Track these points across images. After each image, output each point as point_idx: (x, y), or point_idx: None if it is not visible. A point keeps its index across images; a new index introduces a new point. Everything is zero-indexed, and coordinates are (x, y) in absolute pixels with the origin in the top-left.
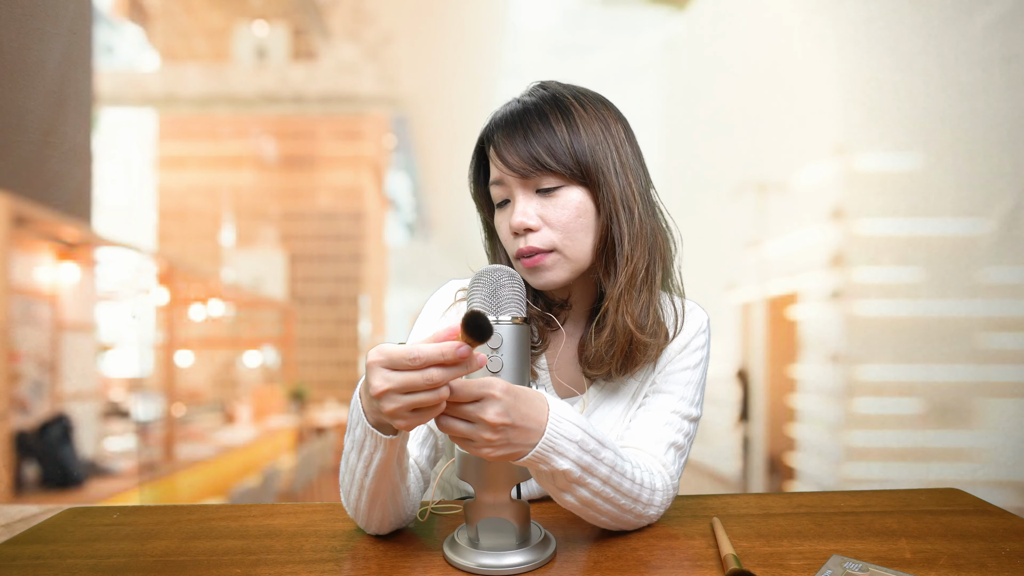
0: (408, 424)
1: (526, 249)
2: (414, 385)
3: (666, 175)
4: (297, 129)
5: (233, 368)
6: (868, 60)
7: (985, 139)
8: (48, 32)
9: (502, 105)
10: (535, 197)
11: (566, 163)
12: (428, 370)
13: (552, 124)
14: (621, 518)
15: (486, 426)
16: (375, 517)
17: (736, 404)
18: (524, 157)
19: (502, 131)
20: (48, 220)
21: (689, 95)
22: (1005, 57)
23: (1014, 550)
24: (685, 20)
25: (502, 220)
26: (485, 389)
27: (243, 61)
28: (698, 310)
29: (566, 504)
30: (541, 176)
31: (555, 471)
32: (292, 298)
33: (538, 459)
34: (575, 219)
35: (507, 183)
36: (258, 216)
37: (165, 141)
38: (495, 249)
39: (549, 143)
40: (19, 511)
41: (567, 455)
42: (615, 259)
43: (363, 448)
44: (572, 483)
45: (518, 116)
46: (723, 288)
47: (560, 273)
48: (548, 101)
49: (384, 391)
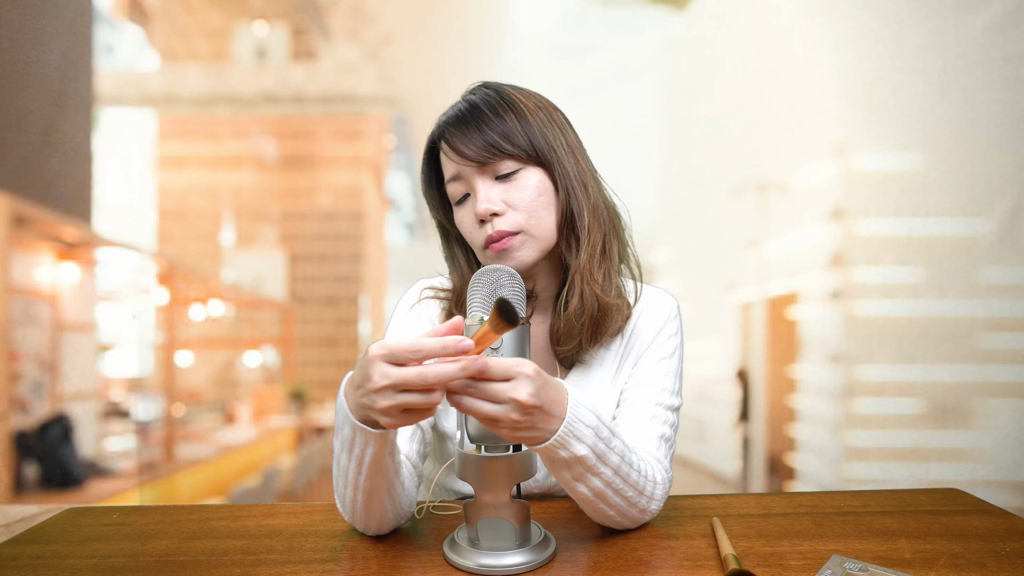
0: (394, 423)
1: (495, 234)
2: (408, 383)
3: (666, 175)
4: (297, 129)
5: (233, 368)
6: (868, 60)
7: (985, 139)
8: (48, 32)
9: (446, 110)
10: (495, 184)
11: (521, 145)
12: (422, 370)
13: (501, 113)
14: (628, 512)
15: (517, 407)
16: (373, 517)
17: (736, 404)
18: (480, 146)
19: (454, 127)
20: (48, 220)
21: (689, 95)
22: (1005, 57)
23: (1014, 550)
24: (685, 20)
25: (464, 214)
26: (518, 368)
27: (243, 61)
28: (666, 296)
29: (579, 496)
30: (499, 161)
31: (573, 457)
32: (292, 298)
33: (558, 444)
34: (537, 198)
35: (465, 176)
36: (258, 216)
37: (165, 141)
38: (452, 251)
39: (502, 129)
40: (19, 511)
41: (584, 440)
42: (576, 233)
43: (353, 446)
44: (587, 471)
45: (468, 111)
46: (723, 288)
47: (529, 253)
48: (493, 96)
49: (382, 387)
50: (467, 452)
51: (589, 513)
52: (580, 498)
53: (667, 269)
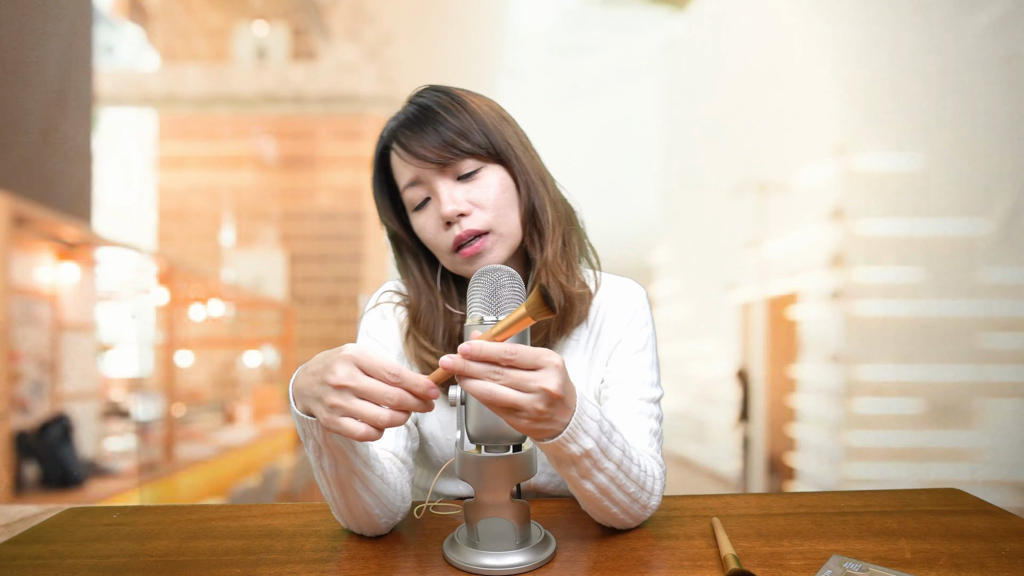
0: (327, 421)
1: (464, 234)
2: (371, 393)
3: (666, 175)
4: (297, 129)
5: (233, 368)
6: (868, 60)
7: (985, 139)
8: (48, 32)
9: (391, 119)
10: (458, 184)
11: (480, 143)
12: (394, 388)
13: (456, 113)
14: (630, 509)
15: (545, 396)
16: (358, 514)
17: (736, 404)
18: (439, 146)
19: (408, 130)
20: (48, 220)
21: (689, 95)
22: (1005, 57)
23: (1014, 550)
24: (685, 20)
25: (427, 219)
26: (547, 357)
27: (243, 61)
28: (633, 285)
29: (585, 494)
30: (459, 161)
31: (581, 452)
32: (292, 298)
33: (568, 439)
34: (501, 195)
35: (425, 179)
36: (258, 216)
37: (165, 141)
38: (405, 262)
39: (459, 128)
40: (19, 511)
41: (590, 433)
42: (540, 229)
43: (307, 437)
44: (592, 466)
45: (420, 113)
46: (723, 288)
47: (500, 252)
48: (443, 97)
49: (342, 386)
50: (467, 452)
51: (593, 513)
52: (586, 496)
53: (667, 269)
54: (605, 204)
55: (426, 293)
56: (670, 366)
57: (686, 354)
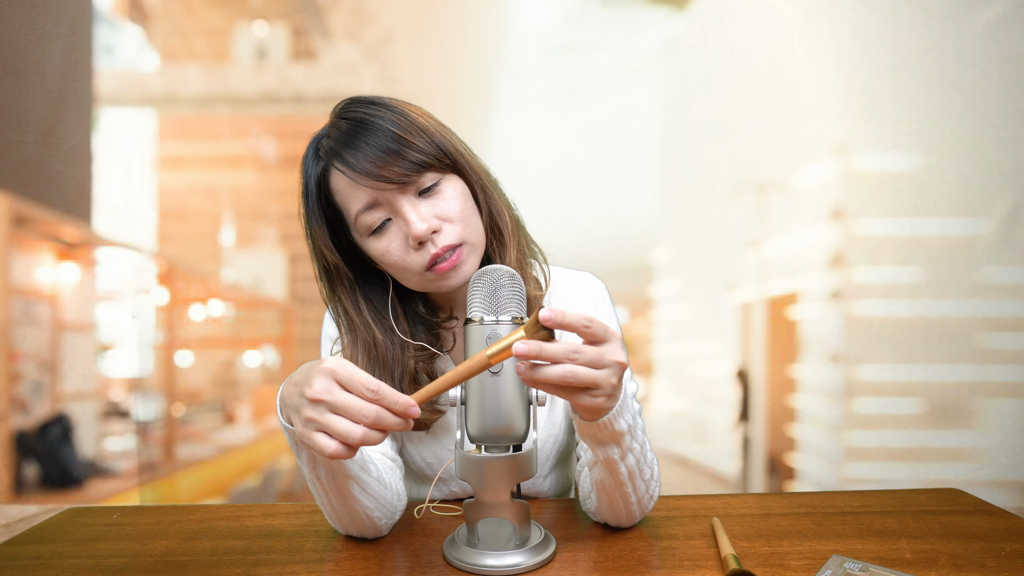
0: (299, 435)
1: (441, 251)
2: (347, 409)
3: (666, 175)
4: (297, 129)
5: (233, 368)
6: (868, 60)
7: (985, 139)
8: (48, 32)
9: (322, 133)
10: (421, 201)
11: (434, 154)
12: (371, 405)
13: (403, 127)
14: (643, 499)
15: (618, 370)
16: (360, 520)
17: (736, 404)
18: (396, 164)
19: (354, 150)
20: (48, 220)
21: (689, 95)
22: (1005, 57)
23: (1014, 550)
24: (685, 20)
25: (390, 241)
26: (612, 332)
27: (243, 61)
28: (591, 279)
29: (618, 478)
30: (420, 176)
31: (625, 427)
32: (292, 298)
33: (619, 412)
34: (465, 204)
35: (384, 200)
36: (258, 216)
37: (165, 141)
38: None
39: (413, 142)
40: (19, 511)
41: (630, 408)
42: (500, 233)
43: (299, 449)
44: (630, 443)
45: (362, 130)
46: (723, 288)
47: (473, 263)
48: (381, 111)
49: (318, 399)
50: (467, 452)
51: (606, 508)
52: (617, 482)
53: (667, 269)
54: (605, 204)
55: (377, 326)
56: (670, 366)
57: (686, 354)
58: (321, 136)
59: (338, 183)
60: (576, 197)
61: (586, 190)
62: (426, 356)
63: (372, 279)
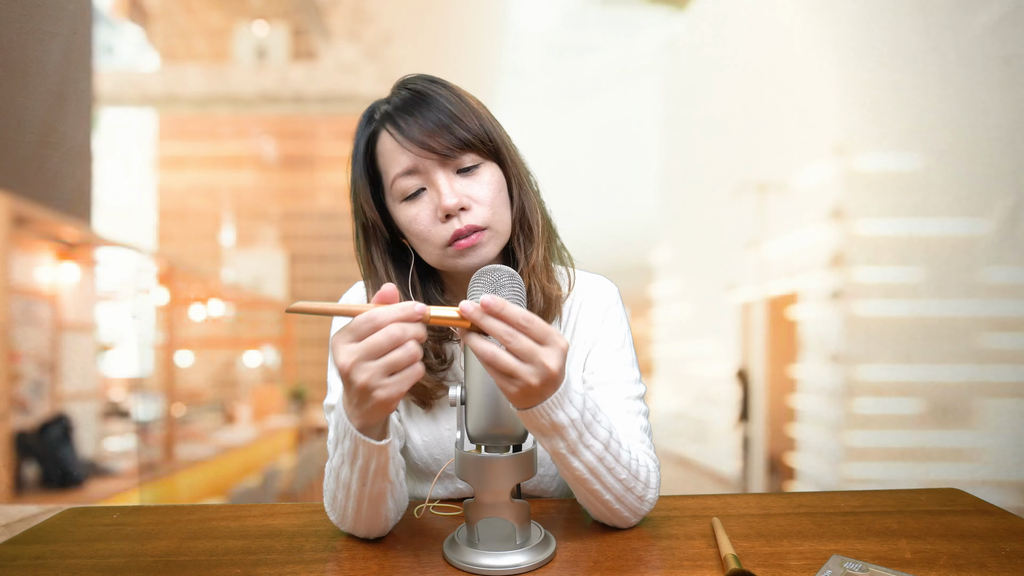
0: (388, 395)
1: (464, 228)
2: (379, 347)
3: (666, 175)
4: (297, 129)
5: (233, 368)
6: (868, 60)
7: (985, 139)
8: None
9: (381, 101)
10: (457, 178)
11: (483, 139)
12: (389, 327)
13: (458, 105)
14: (625, 498)
15: (543, 372)
16: (378, 522)
17: (736, 404)
18: (444, 136)
19: (408, 116)
20: (48, 220)
21: (689, 95)
22: (1005, 57)
23: (1014, 550)
24: (685, 20)
25: (420, 209)
26: (555, 337)
27: (243, 61)
28: (604, 282)
29: (576, 474)
30: (463, 155)
31: (564, 422)
32: (292, 298)
33: (552, 406)
34: (498, 194)
35: (424, 169)
36: (258, 216)
37: (165, 141)
38: (370, 255)
39: (464, 122)
40: (19, 511)
41: (575, 404)
42: (528, 231)
43: (356, 459)
44: (578, 440)
45: (422, 102)
46: (723, 288)
47: (492, 249)
48: (439, 88)
49: (352, 363)
50: (467, 452)
51: (591, 506)
52: (578, 478)
53: (667, 269)
54: (605, 204)
55: (399, 288)
56: (670, 366)
57: (686, 354)
58: (380, 102)
59: (385, 145)
60: (576, 197)
61: (586, 190)
62: (437, 336)
63: (399, 254)
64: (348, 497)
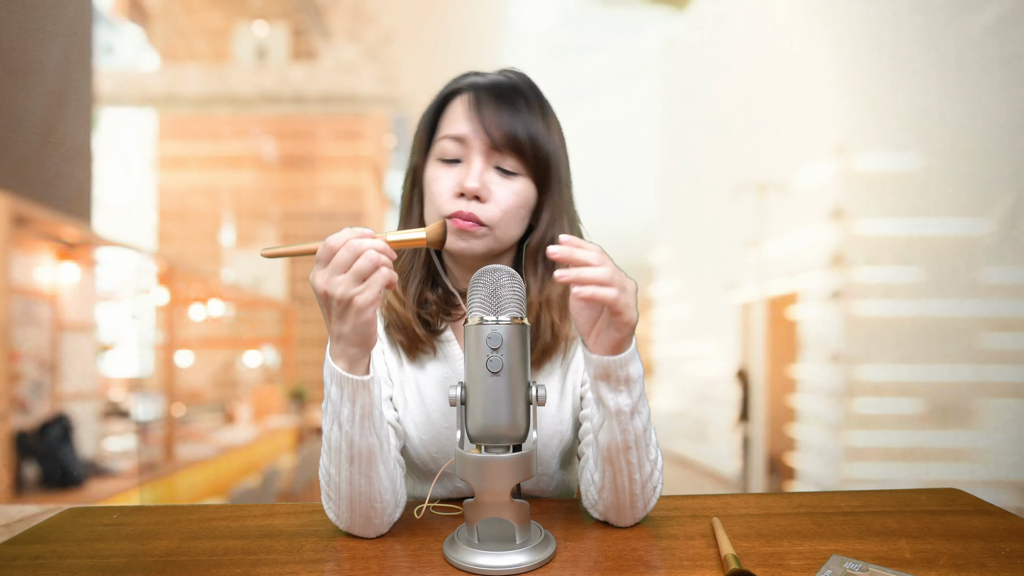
0: (364, 299)
1: (468, 214)
2: (344, 262)
3: (666, 175)
4: (297, 129)
5: (233, 368)
6: (868, 60)
7: (985, 139)
8: (48, 32)
9: (475, 72)
10: (491, 171)
11: (538, 156)
12: (348, 242)
13: (537, 114)
14: (647, 486)
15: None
16: (373, 501)
17: (736, 404)
18: (507, 132)
19: (493, 97)
20: (48, 220)
21: (689, 95)
22: (1005, 57)
23: (1014, 550)
24: (685, 20)
25: (444, 174)
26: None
27: (243, 61)
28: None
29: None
30: (509, 157)
31: (636, 375)
32: (292, 298)
33: (631, 356)
34: (518, 208)
35: (470, 145)
36: (258, 216)
37: (165, 141)
38: (411, 202)
39: (532, 131)
40: (19, 511)
41: (639, 372)
42: (548, 264)
43: (341, 406)
44: (640, 401)
45: (508, 90)
46: (723, 288)
47: (481, 247)
48: (530, 90)
49: (325, 282)
50: (467, 452)
51: (611, 487)
52: (626, 442)
53: (667, 269)
54: (605, 204)
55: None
56: (670, 366)
57: (686, 354)
58: (475, 73)
59: (455, 107)
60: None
61: (586, 190)
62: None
63: None
64: (339, 465)
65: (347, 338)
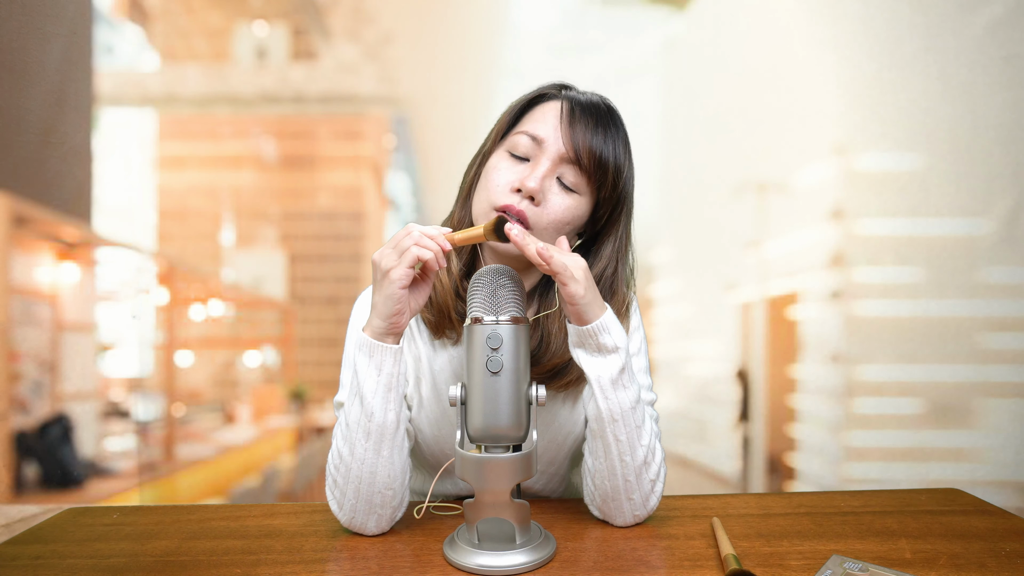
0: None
1: (518, 211)
2: (399, 241)
3: (666, 175)
4: (297, 129)
5: (233, 368)
6: (868, 60)
7: (985, 139)
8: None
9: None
10: (553, 181)
11: (616, 185)
12: (413, 232)
13: (624, 147)
14: (642, 478)
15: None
16: (382, 480)
17: (736, 404)
18: (588, 150)
19: (585, 114)
20: (48, 220)
21: (689, 95)
22: (1005, 57)
23: (1014, 550)
24: (685, 20)
25: (508, 169)
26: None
27: (243, 61)
28: None
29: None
30: (573, 170)
31: (611, 345)
32: (292, 298)
33: (606, 325)
34: (564, 224)
35: (545, 150)
36: (258, 216)
37: (165, 141)
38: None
39: (618, 161)
40: (19, 511)
41: (622, 334)
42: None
43: (367, 375)
44: (622, 376)
45: (604, 113)
46: (723, 288)
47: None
48: (621, 123)
49: (380, 253)
50: (467, 452)
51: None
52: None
53: (667, 269)
54: None
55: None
56: (670, 366)
57: (686, 354)
58: (568, 85)
59: (546, 110)
60: None
61: None
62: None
63: None
64: (353, 444)
65: (378, 309)
